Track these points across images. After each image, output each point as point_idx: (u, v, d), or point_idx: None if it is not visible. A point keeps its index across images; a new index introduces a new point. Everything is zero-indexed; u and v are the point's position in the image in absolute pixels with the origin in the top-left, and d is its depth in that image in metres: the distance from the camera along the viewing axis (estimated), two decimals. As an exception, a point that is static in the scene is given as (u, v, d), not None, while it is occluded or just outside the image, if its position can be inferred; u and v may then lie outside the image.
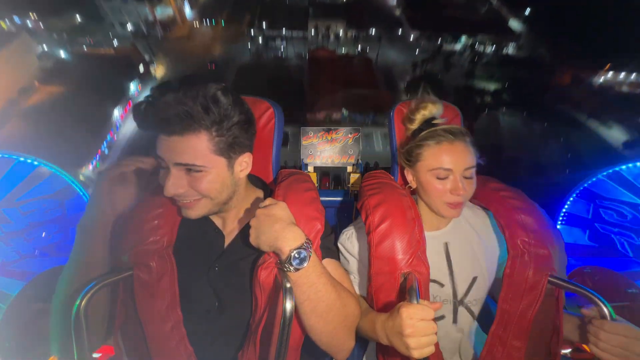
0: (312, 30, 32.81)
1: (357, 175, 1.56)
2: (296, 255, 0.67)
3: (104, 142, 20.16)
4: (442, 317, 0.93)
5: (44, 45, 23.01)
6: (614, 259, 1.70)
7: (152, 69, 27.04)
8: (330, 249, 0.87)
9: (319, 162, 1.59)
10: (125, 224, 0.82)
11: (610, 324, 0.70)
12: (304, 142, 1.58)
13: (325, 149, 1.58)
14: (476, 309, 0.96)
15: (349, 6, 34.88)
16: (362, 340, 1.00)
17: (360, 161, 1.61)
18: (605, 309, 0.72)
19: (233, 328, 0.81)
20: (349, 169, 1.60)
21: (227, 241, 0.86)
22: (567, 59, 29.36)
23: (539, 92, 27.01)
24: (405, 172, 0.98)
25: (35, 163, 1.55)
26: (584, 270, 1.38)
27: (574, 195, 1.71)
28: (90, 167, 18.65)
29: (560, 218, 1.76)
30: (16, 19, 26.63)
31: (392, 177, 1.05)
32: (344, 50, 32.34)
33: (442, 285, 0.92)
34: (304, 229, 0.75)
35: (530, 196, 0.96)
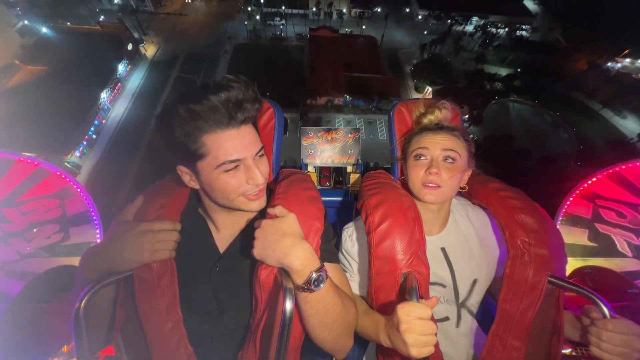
0: (314, 7, 31.32)
1: (357, 175, 1.56)
2: (315, 277, 0.68)
3: (92, 127, 18.98)
4: (446, 319, 0.93)
5: (25, 20, 21.66)
6: (614, 259, 1.69)
7: (142, 48, 25.54)
8: (331, 252, 0.87)
9: (319, 162, 1.59)
10: (125, 224, 0.82)
11: (612, 324, 0.70)
12: (304, 142, 1.58)
13: (325, 149, 1.58)
14: (475, 311, 0.96)
15: None
16: (361, 340, 1.00)
17: (360, 161, 1.61)
18: (605, 309, 0.72)
19: (233, 328, 0.81)
20: (349, 169, 1.60)
21: (229, 242, 0.85)
22: (583, 43, 28.15)
23: (553, 79, 26.04)
24: (402, 168, 1.00)
25: (35, 163, 1.55)
26: (584, 270, 1.38)
27: (574, 195, 1.71)
28: (77, 153, 17.57)
29: (560, 218, 1.76)
30: None
31: (392, 177, 1.05)
32: (347, 30, 30.68)
33: (444, 286, 0.92)
34: (304, 228, 0.75)
35: (530, 196, 0.96)
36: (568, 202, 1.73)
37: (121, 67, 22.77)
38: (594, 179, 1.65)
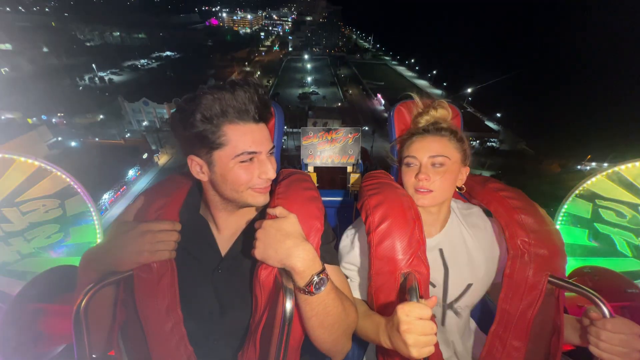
0: (311, 125, 35.90)
1: (357, 175, 1.56)
2: (317, 280, 0.68)
3: None
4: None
5: (59, 138, 23.78)
6: (614, 259, 1.70)
7: (155, 157, 27.86)
8: (331, 254, 0.87)
9: (319, 162, 1.59)
10: (125, 224, 0.82)
11: (611, 323, 0.70)
12: (304, 142, 1.58)
13: (325, 149, 1.58)
14: (465, 314, 0.96)
15: (344, 109, 41.01)
16: (361, 340, 1.00)
17: (360, 161, 1.61)
18: (605, 309, 0.72)
19: (234, 329, 0.81)
20: (349, 169, 1.60)
21: (230, 242, 0.85)
22: (547, 151, 32.04)
23: (535, 179, 27.96)
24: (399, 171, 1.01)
25: (35, 163, 1.55)
26: (584, 270, 1.38)
27: (574, 195, 1.71)
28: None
29: (560, 218, 1.76)
30: (44, 117, 30.40)
31: (392, 177, 1.05)
32: None
33: (434, 286, 0.92)
34: (304, 228, 0.75)
35: (530, 196, 0.96)
36: (568, 202, 1.73)
37: (131, 172, 24.10)
38: (594, 179, 1.65)
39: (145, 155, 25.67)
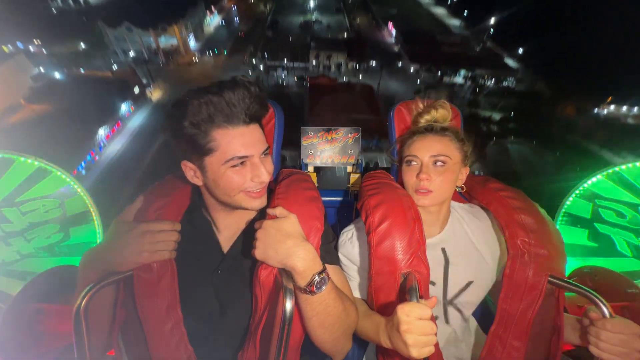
0: (314, 60, 33.88)
1: (357, 175, 1.56)
2: (318, 280, 0.68)
3: (82, 163, 18.70)
4: (435, 318, 0.93)
5: (41, 68, 22.86)
6: (614, 259, 1.70)
7: (148, 92, 26.49)
8: (331, 254, 0.87)
9: (318, 162, 1.59)
10: (125, 224, 0.82)
11: (610, 323, 0.70)
12: (304, 142, 1.58)
13: (325, 149, 1.57)
14: (467, 311, 0.96)
15: (350, 41, 37.41)
16: (361, 340, 1.00)
17: (360, 161, 1.61)
18: (605, 309, 0.72)
19: (234, 329, 0.81)
20: (349, 169, 1.60)
21: (229, 243, 0.85)
22: (566, 92, 29.96)
23: (546, 122, 26.92)
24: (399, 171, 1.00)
25: (35, 163, 1.55)
26: (584, 270, 1.38)
27: (574, 195, 1.71)
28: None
29: (560, 218, 1.76)
30: (19, 44, 27.80)
31: (392, 177, 1.05)
32: (345, 79, 32.93)
33: (433, 284, 0.92)
34: (304, 228, 0.75)
35: (530, 196, 0.96)
36: (568, 202, 1.73)
37: (124, 107, 23.09)
38: (594, 179, 1.65)
39: (137, 90, 24.47)
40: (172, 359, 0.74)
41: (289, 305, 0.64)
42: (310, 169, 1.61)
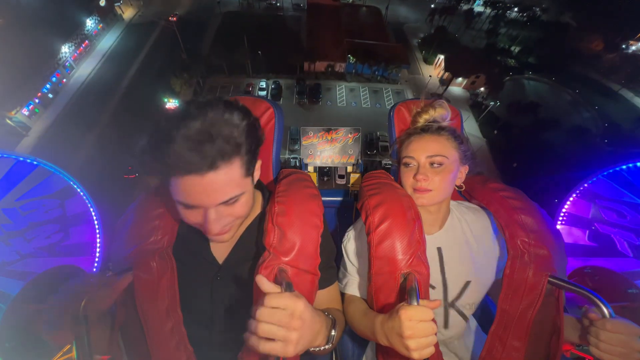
0: None
1: (357, 175, 1.56)
2: (333, 334, 0.73)
3: (47, 84, 16.16)
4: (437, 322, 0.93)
5: None
6: (614, 259, 1.69)
7: (117, 8, 22.64)
8: (331, 274, 0.89)
9: (319, 162, 1.59)
10: (125, 224, 0.82)
11: (610, 324, 0.70)
12: (304, 142, 1.58)
13: (325, 149, 1.58)
14: (469, 312, 0.96)
15: None
16: (361, 340, 1.00)
17: (360, 161, 1.61)
18: (605, 309, 0.72)
19: (234, 330, 0.81)
20: (349, 168, 1.60)
21: (226, 251, 0.85)
22: (593, 25, 27.62)
23: (568, 57, 25.27)
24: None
25: (35, 163, 1.55)
26: (584, 270, 1.37)
27: (574, 195, 1.71)
28: (25, 111, 14.66)
29: (560, 218, 1.76)
30: None
31: (392, 177, 1.05)
32: (349, 0, 29.39)
33: (433, 287, 0.92)
34: (304, 225, 0.76)
35: (530, 195, 0.96)
36: (568, 202, 1.73)
37: (90, 23, 19.66)
38: (594, 179, 1.65)
39: (103, 2, 20.52)
40: (172, 359, 0.74)
41: None
42: (310, 169, 1.61)
